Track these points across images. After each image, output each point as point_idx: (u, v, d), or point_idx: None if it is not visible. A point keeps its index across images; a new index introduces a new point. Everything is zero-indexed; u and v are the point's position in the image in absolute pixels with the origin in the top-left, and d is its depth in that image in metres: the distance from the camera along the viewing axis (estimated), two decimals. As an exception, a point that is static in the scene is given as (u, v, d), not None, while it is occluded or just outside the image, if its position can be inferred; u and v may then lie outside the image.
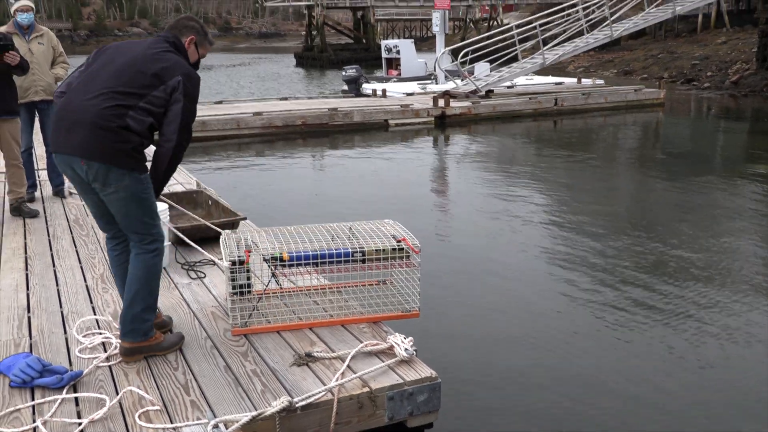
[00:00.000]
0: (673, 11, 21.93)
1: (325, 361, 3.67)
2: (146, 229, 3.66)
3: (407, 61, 25.93)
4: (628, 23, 22.05)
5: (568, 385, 4.67)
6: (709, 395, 4.55)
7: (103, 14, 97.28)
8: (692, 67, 29.21)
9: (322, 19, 47.22)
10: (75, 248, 5.73)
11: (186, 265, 5.19)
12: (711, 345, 5.20)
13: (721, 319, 5.59)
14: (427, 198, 10.21)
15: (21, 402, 3.30)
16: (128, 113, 3.46)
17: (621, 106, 19.84)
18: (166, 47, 3.67)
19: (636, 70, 32.22)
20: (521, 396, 4.58)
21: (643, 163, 13.02)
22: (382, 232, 4.26)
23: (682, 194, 10.00)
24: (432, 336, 5.31)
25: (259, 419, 3.12)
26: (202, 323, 4.20)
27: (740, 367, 4.89)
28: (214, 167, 12.44)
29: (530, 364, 5.00)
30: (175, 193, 6.56)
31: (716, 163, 12.63)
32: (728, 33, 33.52)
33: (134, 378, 3.53)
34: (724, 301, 5.98)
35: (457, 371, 4.80)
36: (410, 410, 3.49)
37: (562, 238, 7.91)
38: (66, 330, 4.11)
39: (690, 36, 36.29)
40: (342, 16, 61.78)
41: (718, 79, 26.46)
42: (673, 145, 15.19)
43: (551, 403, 4.47)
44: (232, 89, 29.09)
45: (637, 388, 4.60)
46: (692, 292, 6.20)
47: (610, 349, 5.21)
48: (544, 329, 5.55)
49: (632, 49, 37.12)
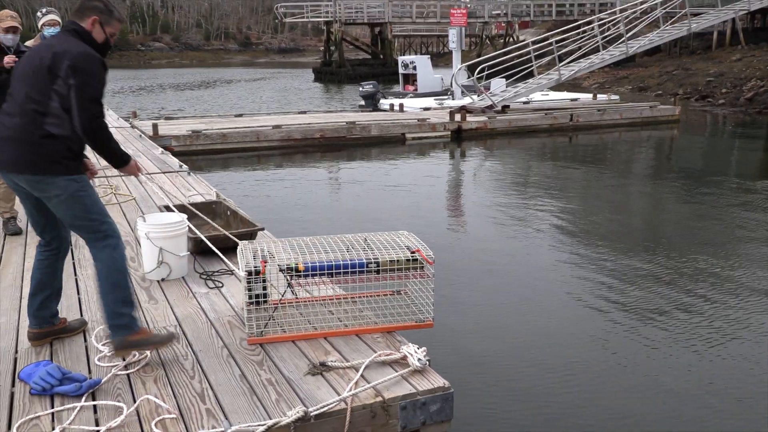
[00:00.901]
0: (689, 29, 21.85)
1: (339, 370, 3.66)
2: (94, 227, 3.69)
3: (424, 76, 25.95)
4: (643, 40, 21.98)
5: (581, 395, 4.63)
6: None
7: (126, 29, 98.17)
8: (707, 83, 29.03)
9: (341, 35, 47.43)
10: (96, 257, 5.75)
11: (204, 274, 5.20)
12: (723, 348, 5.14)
13: (735, 325, 5.53)
14: (442, 211, 10.19)
15: (41, 409, 3.30)
16: (45, 120, 3.52)
17: (636, 122, 19.73)
18: (64, 37, 3.65)
19: (651, 87, 32.07)
20: (534, 406, 4.54)
21: (658, 180, 12.94)
22: (396, 243, 4.25)
23: (698, 210, 9.91)
24: (446, 346, 5.29)
25: (274, 429, 3.11)
26: (219, 332, 4.20)
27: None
28: (234, 178, 12.50)
29: (544, 374, 4.97)
30: (194, 203, 6.58)
31: (731, 180, 12.51)
32: (743, 50, 33.29)
33: (151, 386, 3.53)
34: (736, 307, 5.92)
35: (471, 381, 4.77)
36: (423, 420, 3.46)
37: (577, 253, 7.86)
38: (86, 338, 4.13)
39: (705, 53, 36.09)
40: (360, 31, 61.99)
41: (732, 96, 26.29)
42: (689, 161, 15.08)
43: (564, 412, 4.43)
44: (252, 103, 29.25)
45: (656, 398, 4.55)
46: (705, 302, 6.14)
47: (625, 361, 5.16)
48: (558, 340, 5.51)
49: (647, 65, 36.96)
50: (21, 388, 3.51)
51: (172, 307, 4.63)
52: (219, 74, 55.66)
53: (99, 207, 3.72)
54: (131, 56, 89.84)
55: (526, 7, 50.78)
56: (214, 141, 15.03)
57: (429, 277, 4.18)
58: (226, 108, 26.23)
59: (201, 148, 14.83)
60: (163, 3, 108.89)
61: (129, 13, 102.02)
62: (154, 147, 12.54)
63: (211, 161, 14.11)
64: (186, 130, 15.23)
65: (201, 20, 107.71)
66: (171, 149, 13.60)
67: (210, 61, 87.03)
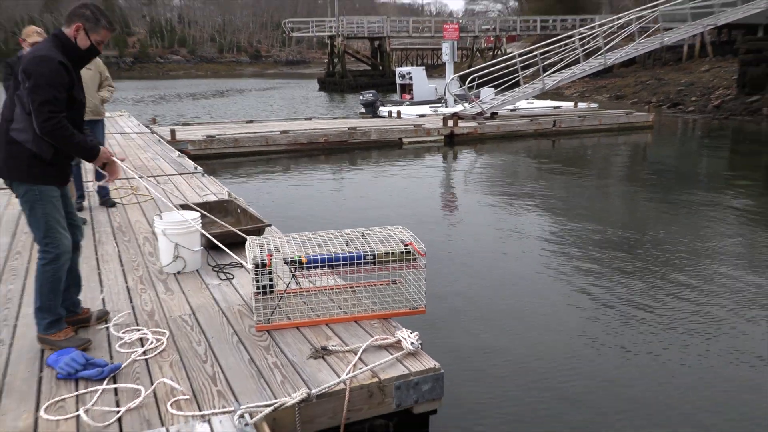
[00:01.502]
0: (661, 42, 21.82)
1: (339, 354, 3.66)
2: (38, 238, 3.66)
3: (419, 86, 25.94)
4: (620, 52, 21.95)
5: (563, 375, 4.63)
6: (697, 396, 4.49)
7: (146, 43, 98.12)
8: (678, 92, 29.02)
9: (343, 48, 47.39)
10: (118, 253, 5.75)
11: (216, 267, 5.20)
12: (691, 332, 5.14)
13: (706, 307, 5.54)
14: (436, 208, 10.18)
15: (66, 392, 3.31)
16: (11, 126, 3.49)
17: (614, 128, 19.72)
18: (42, 44, 3.59)
19: (627, 95, 32.04)
20: (518, 385, 4.54)
21: (633, 179, 12.93)
22: (392, 237, 4.25)
23: (669, 206, 9.91)
24: (437, 331, 5.30)
25: (281, 409, 3.11)
26: (230, 320, 4.20)
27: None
28: (245, 179, 12.49)
29: (527, 355, 4.97)
30: (208, 202, 6.58)
31: (701, 179, 12.52)
32: (711, 62, 33.29)
33: (167, 370, 3.53)
34: (711, 295, 5.93)
35: (460, 363, 4.78)
36: (416, 398, 3.47)
37: (559, 245, 7.86)
38: (107, 328, 4.12)
39: (676, 64, 36.08)
40: (361, 45, 61.92)
41: (701, 103, 26.27)
42: (661, 163, 15.07)
43: (546, 390, 4.43)
44: (262, 110, 29.22)
45: (641, 382, 4.55)
46: (676, 288, 6.14)
47: (600, 341, 5.16)
48: (540, 324, 5.52)
49: (624, 76, 36.94)
50: (48, 373, 3.51)
51: (187, 297, 4.62)
52: (231, 84, 55.61)
53: (48, 222, 3.61)
54: (151, 68, 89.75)
55: (513, 23, 50.86)
56: (227, 145, 15.01)
57: (421, 268, 4.18)
58: (238, 115, 26.19)
59: (215, 151, 14.81)
60: (181, 19, 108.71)
61: (149, 28, 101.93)
62: (172, 151, 12.53)
63: (224, 164, 14.09)
64: (201, 135, 15.20)
65: (215, 35, 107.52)
66: (187, 153, 13.58)
67: (223, 72, 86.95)
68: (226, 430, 2.91)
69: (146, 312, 4.36)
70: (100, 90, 7.28)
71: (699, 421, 4.12)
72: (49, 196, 3.62)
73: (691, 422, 4.11)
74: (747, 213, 9.42)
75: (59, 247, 3.65)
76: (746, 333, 5.31)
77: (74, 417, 3.08)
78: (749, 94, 24.18)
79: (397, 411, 3.46)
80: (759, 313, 5.71)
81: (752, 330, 5.38)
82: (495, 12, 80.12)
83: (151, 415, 3.09)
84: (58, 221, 3.66)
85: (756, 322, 5.54)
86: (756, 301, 6.00)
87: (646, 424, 4.09)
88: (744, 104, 23.69)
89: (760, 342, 5.15)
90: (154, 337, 3.91)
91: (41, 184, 3.58)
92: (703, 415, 4.18)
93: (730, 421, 4.13)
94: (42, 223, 3.61)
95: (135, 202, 7.72)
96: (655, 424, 4.09)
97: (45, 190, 3.60)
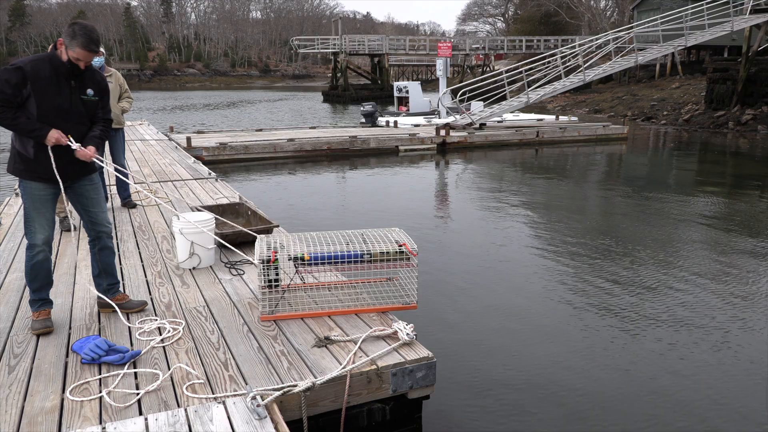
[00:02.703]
0: (636, 61, 21.87)
1: (340, 343, 3.67)
2: (25, 228, 3.83)
3: (415, 99, 25.93)
4: (598, 70, 22.00)
5: (548, 362, 4.64)
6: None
7: (165, 57, 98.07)
8: (651, 107, 29.07)
9: (346, 64, 47.36)
10: (138, 250, 5.75)
11: (228, 263, 5.20)
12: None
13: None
14: (430, 210, 10.19)
15: (90, 376, 3.32)
16: None
17: (591, 138, 19.75)
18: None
19: (604, 109, 32.08)
20: (505, 373, 4.55)
21: (609, 185, 12.94)
22: (388, 237, 4.26)
23: (642, 209, 9.92)
24: (431, 324, 5.30)
25: (288, 394, 3.12)
26: (240, 312, 4.21)
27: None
28: (254, 183, 12.48)
29: (514, 347, 4.97)
30: (220, 204, 6.58)
31: (672, 185, 12.53)
32: (681, 80, 33.37)
33: (183, 356, 3.54)
34: (687, 293, 5.94)
35: (452, 353, 4.78)
36: (411, 384, 3.48)
37: (542, 243, 7.87)
38: (129, 317, 4.13)
39: (649, 81, 36.16)
40: (361, 61, 61.92)
41: (672, 117, 26.32)
42: (635, 170, 15.10)
43: (532, 377, 4.44)
44: (271, 120, 29.20)
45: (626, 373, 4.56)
46: (649, 280, 6.16)
47: (585, 330, 5.17)
48: (523, 319, 5.52)
49: (601, 91, 36.99)
50: (73, 358, 3.51)
51: (202, 290, 4.63)
52: (243, 96, 55.56)
53: (28, 214, 3.79)
54: (169, 80, 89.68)
55: (500, 42, 50.86)
56: (238, 152, 15.00)
57: (413, 267, 4.19)
58: (249, 124, 26.17)
59: (227, 157, 14.80)
60: (197, 35, 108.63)
61: (168, 44, 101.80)
62: (188, 157, 12.52)
63: (235, 169, 14.08)
64: (215, 142, 15.20)
65: (228, 50, 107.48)
66: (202, 159, 13.58)
67: (235, 84, 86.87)
68: (240, 410, 2.91)
69: (164, 303, 4.36)
70: (120, 101, 7.28)
71: (698, 416, 4.13)
72: (32, 191, 3.76)
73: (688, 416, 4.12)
74: (712, 216, 9.45)
75: (32, 238, 3.80)
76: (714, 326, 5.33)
77: (97, 398, 3.09)
78: (716, 109, 24.26)
79: (394, 396, 3.47)
80: (728, 309, 5.73)
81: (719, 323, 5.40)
82: (484, 32, 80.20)
83: (168, 397, 3.10)
84: (36, 217, 3.78)
85: (725, 315, 5.56)
86: (727, 297, 6.02)
87: (636, 409, 4.10)
88: (711, 118, 23.76)
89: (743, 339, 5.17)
90: (171, 326, 3.92)
91: (26, 179, 3.75)
92: (703, 414, 4.19)
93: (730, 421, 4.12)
94: (26, 215, 3.81)
95: (154, 203, 7.72)
96: (640, 408, 4.10)
97: (29, 185, 3.75)
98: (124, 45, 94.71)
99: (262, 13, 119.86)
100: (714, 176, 14.29)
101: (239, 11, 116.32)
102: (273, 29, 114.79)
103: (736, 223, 9.03)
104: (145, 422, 2.83)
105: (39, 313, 3.89)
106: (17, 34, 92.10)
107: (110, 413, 2.97)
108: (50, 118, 3.64)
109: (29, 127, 3.60)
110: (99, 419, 2.92)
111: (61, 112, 3.68)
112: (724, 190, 11.99)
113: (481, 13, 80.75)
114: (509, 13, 75.07)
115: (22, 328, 3.93)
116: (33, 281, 3.86)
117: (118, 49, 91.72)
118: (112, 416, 2.94)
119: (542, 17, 57.62)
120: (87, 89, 3.76)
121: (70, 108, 3.71)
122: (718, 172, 14.81)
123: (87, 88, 3.77)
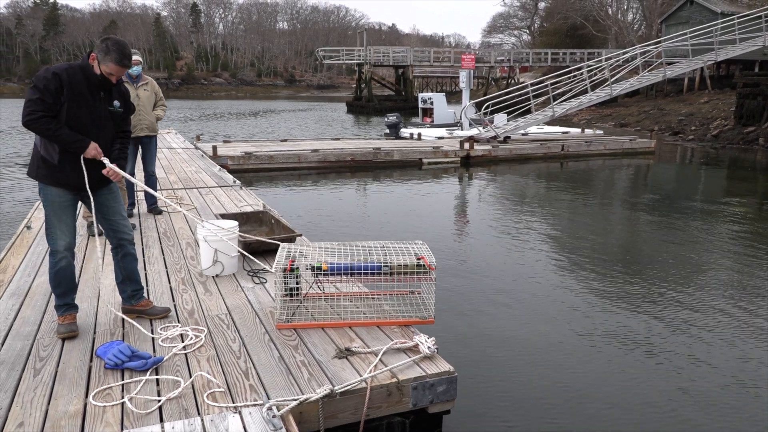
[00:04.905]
0: (664, 75, 21.68)
1: (361, 355, 3.66)
2: (46, 233, 3.87)
3: (439, 110, 25.97)
4: (625, 84, 21.84)
5: (570, 380, 4.58)
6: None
7: (192, 66, 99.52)
8: (679, 122, 28.72)
9: (370, 75, 47.61)
10: (163, 256, 5.81)
11: (251, 272, 5.23)
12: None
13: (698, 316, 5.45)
14: (452, 224, 10.16)
15: (113, 381, 3.34)
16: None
17: (618, 153, 19.56)
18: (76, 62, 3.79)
19: (630, 123, 31.79)
20: (526, 389, 4.50)
21: (635, 200, 12.79)
22: (409, 250, 4.25)
23: (668, 226, 9.78)
24: (452, 338, 5.26)
25: (305, 403, 3.11)
26: (262, 320, 4.22)
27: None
28: (278, 192, 12.56)
29: (536, 364, 4.92)
30: (244, 212, 6.63)
31: (699, 202, 12.34)
32: (710, 94, 32.95)
33: (204, 364, 3.55)
34: (708, 312, 5.84)
35: (473, 368, 4.74)
36: (431, 399, 3.45)
37: (566, 262, 7.79)
38: (152, 323, 4.16)
39: (677, 96, 35.75)
40: (386, 72, 62.17)
41: (700, 132, 25.96)
42: (662, 186, 14.91)
43: (554, 395, 4.39)
44: (295, 130, 29.42)
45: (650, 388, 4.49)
46: (677, 307, 6.06)
47: (607, 351, 5.10)
48: (544, 336, 5.46)
49: (628, 105, 36.66)
50: (97, 363, 3.55)
51: (224, 298, 4.66)
52: (268, 106, 56.07)
53: (49, 220, 3.84)
54: (196, 89, 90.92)
55: (525, 54, 50.72)
56: (263, 161, 15.13)
57: (432, 281, 4.16)
58: (274, 134, 26.40)
59: (252, 167, 14.93)
60: (224, 45, 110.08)
61: (196, 53, 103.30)
62: (213, 165, 12.66)
63: (259, 178, 14.19)
64: (240, 151, 15.34)
65: (254, 60, 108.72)
66: (227, 167, 13.71)
67: (261, 94, 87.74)
68: (256, 421, 2.91)
69: (187, 310, 4.39)
70: (154, 109, 7.38)
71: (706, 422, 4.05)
72: (52, 197, 3.80)
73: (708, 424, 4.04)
74: (741, 234, 9.28)
75: (54, 245, 3.85)
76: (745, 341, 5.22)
77: (119, 404, 3.12)
78: (746, 125, 23.86)
79: (414, 410, 3.45)
80: (755, 332, 5.61)
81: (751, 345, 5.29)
82: (509, 44, 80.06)
83: (188, 404, 3.11)
84: (57, 223, 3.83)
85: (754, 340, 5.44)
86: (750, 321, 5.90)
87: (659, 425, 4.03)
88: (741, 134, 23.39)
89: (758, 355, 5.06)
90: (193, 333, 3.94)
91: (47, 184, 3.78)
92: (707, 417, 4.11)
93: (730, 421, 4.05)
94: (47, 221, 3.86)
95: (180, 210, 7.80)
96: (675, 423, 4.03)
97: (49, 191, 3.79)
98: (153, 54, 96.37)
99: (289, 24, 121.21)
100: (744, 195, 14.04)
101: (266, 22, 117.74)
102: (299, 40, 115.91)
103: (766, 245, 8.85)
104: (162, 430, 2.84)
105: (64, 318, 3.95)
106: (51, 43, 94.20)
107: (132, 419, 2.99)
108: (80, 127, 3.70)
109: (70, 138, 3.65)
110: (120, 425, 2.94)
111: (91, 121, 3.74)
112: (753, 210, 11.77)
113: (506, 25, 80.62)
114: (535, 25, 74.85)
115: (48, 331, 3.99)
116: (57, 287, 3.92)
117: (147, 58, 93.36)
118: (134, 422, 2.96)
119: (568, 30, 57.34)
120: (114, 101, 3.85)
121: (100, 118, 3.78)
122: (748, 191, 14.55)
123: (114, 99, 3.85)
